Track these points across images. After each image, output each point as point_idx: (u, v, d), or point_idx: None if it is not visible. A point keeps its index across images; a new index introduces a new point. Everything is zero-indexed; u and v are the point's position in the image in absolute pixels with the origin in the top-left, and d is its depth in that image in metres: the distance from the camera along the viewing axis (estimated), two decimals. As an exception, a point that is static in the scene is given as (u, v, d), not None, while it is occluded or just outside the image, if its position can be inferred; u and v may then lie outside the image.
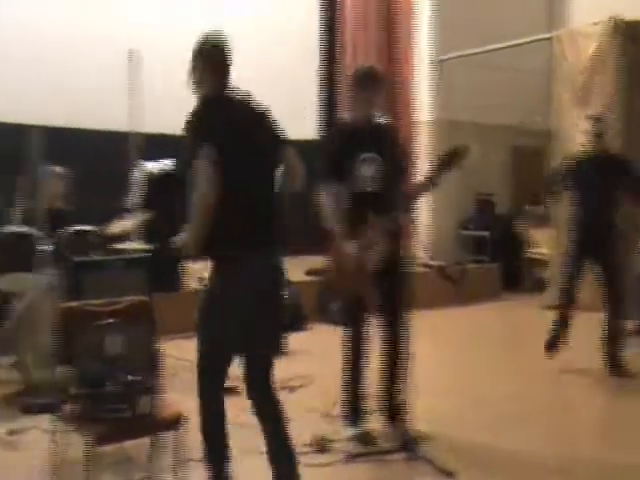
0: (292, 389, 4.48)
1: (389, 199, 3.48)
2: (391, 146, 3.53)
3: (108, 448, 2.96)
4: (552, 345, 5.13)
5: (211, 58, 2.80)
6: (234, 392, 4.32)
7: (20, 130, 4.86)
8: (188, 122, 2.69)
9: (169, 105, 7.12)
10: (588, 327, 5.08)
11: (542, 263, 8.01)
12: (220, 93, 2.75)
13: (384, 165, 3.53)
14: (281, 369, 4.79)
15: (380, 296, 3.57)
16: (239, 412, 3.93)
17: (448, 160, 3.32)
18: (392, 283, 3.58)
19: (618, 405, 4.49)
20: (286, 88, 8.37)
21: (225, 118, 2.68)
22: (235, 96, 2.79)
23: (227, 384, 2.99)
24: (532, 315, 7.15)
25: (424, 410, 3.84)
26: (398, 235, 3.54)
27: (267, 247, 2.73)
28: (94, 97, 6.96)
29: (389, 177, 3.53)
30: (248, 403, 2.91)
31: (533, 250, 8.39)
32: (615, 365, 4.93)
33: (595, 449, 3.63)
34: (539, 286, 7.91)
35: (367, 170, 3.52)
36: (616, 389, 4.77)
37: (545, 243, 7.96)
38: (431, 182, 3.35)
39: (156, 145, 6.52)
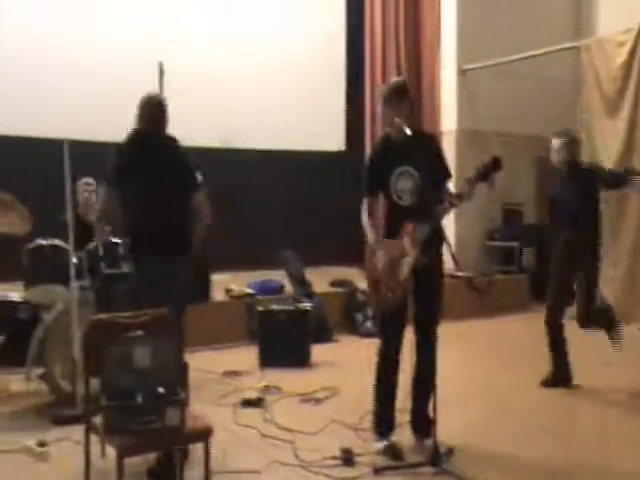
0: (318, 401, 4.50)
1: (426, 211, 3.50)
2: (429, 159, 3.55)
3: (137, 459, 3.00)
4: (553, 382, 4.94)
5: (147, 109, 3.67)
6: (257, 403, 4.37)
7: (51, 144, 4.96)
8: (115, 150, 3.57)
9: (191, 118, 7.29)
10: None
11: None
12: (143, 136, 3.63)
13: (420, 178, 3.56)
14: (307, 381, 4.89)
15: (414, 307, 3.59)
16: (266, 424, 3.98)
17: (486, 171, 3.35)
18: (427, 293, 3.59)
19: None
20: (313, 100, 8.45)
21: (135, 157, 3.59)
22: (158, 141, 3.66)
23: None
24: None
25: (452, 422, 3.82)
26: (433, 245, 3.53)
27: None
28: (121, 110, 7.09)
29: (426, 189, 3.55)
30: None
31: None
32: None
33: (624, 461, 3.58)
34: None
35: (403, 184, 3.57)
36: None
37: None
38: (467, 193, 3.41)
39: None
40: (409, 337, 3.63)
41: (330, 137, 8.73)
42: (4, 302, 4.38)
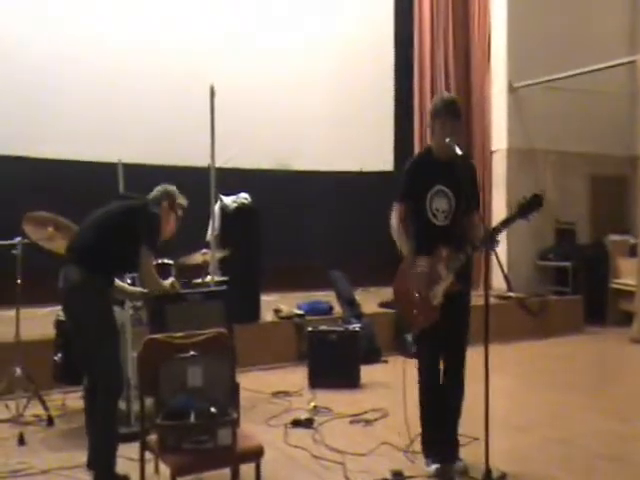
0: (368, 422, 4.49)
1: (459, 234, 3.52)
2: (465, 181, 3.53)
3: (190, 478, 3.05)
4: None
5: None
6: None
7: (105, 167, 5.13)
8: None
9: (242, 140, 7.43)
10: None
11: (629, 294, 7.72)
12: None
13: (456, 200, 3.55)
14: (356, 402, 4.89)
15: (444, 329, 3.55)
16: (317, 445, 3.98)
17: (525, 208, 3.33)
18: (456, 319, 3.58)
19: None
20: (362, 120, 8.50)
21: None
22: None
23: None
24: (618, 349, 6.91)
25: (504, 449, 3.77)
26: (466, 272, 3.55)
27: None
28: (173, 133, 7.29)
29: (460, 212, 3.56)
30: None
31: (619, 280, 8.10)
32: None
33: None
34: (625, 318, 7.63)
35: (439, 203, 3.55)
36: None
37: (632, 273, 7.68)
38: (504, 227, 3.40)
39: (231, 179, 6.76)
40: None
41: (378, 157, 8.75)
42: (62, 321, 4.51)
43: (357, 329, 5.68)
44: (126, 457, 3.53)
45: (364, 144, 8.51)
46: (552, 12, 8.47)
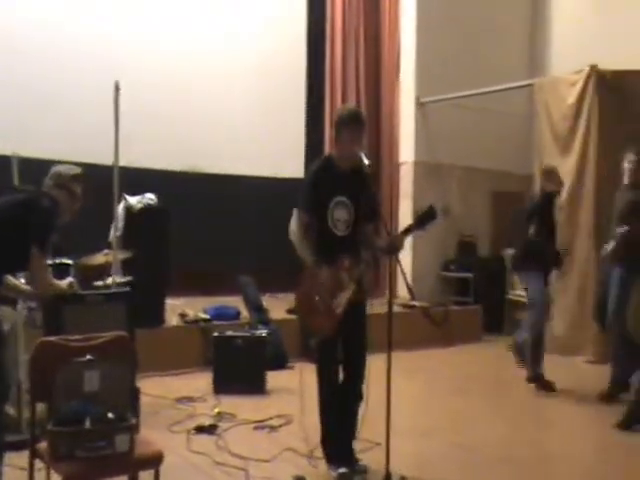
0: (272, 428, 4.44)
1: (360, 243, 3.58)
2: (364, 192, 3.57)
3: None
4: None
5: None
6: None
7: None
8: None
9: (149, 139, 7.23)
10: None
11: (523, 305, 8.04)
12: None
13: (355, 209, 3.60)
14: (261, 408, 4.82)
15: (344, 336, 3.58)
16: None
17: (421, 219, 3.48)
18: (357, 326, 3.62)
19: (610, 446, 4.48)
20: (273, 126, 8.47)
21: None
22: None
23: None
24: (512, 357, 7.16)
25: (406, 453, 3.81)
26: (363, 280, 3.60)
27: None
28: (78, 129, 7.00)
29: (360, 221, 3.61)
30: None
31: (515, 292, 8.44)
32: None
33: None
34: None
35: (339, 213, 3.58)
36: (604, 431, 4.76)
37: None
38: (403, 237, 3.55)
39: (137, 179, 6.55)
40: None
41: (291, 164, 8.74)
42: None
43: (264, 335, 5.63)
44: (16, 466, 3.31)
45: (277, 150, 8.48)
46: (458, 32, 8.77)
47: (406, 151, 8.89)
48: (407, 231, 3.56)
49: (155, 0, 8.03)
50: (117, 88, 4.61)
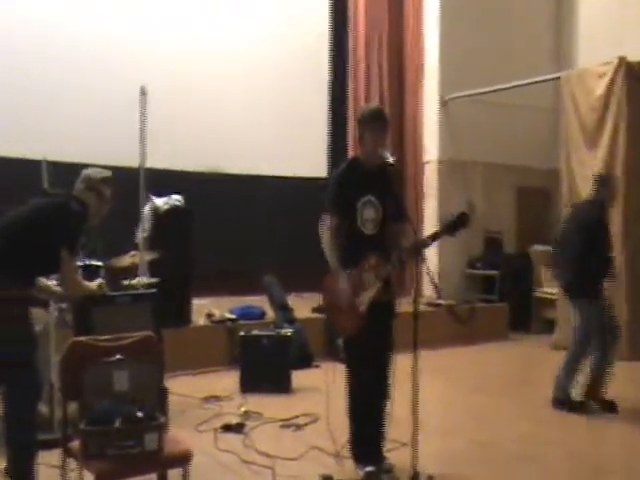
0: (298, 427, 4.47)
1: (387, 243, 3.58)
2: (391, 191, 3.59)
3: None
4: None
5: None
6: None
7: (28, 165, 4.96)
8: None
9: (173, 140, 7.30)
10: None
11: (550, 302, 7.98)
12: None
13: (383, 208, 3.61)
14: (287, 407, 4.85)
15: (370, 335, 3.57)
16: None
17: (452, 226, 3.45)
18: (383, 326, 3.63)
19: (630, 445, 4.44)
20: (296, 126, 8.50)
21: None
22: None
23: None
24: (540, 355, 7.13)
25: (432, 451, 3.81)
26: (391, 280, 3.61)
27: None
28: (104, 133, 7.10)
29: (388, 220, 3.62)
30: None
31: (542, 289, 8.37)
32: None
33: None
34: (548, 326, 7.88)
35: (368, 213, 3.60)
36: (629, 430, 4.71)
37: (554, 282, 7.94)
38: (431, 241, 3.52)
39: (163, 181, 6.62)
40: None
41: (313, 163, 8.76)
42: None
43: (289, 334, 5.66)
44: (48, 464, 3.38)
45: (299, 150, 8.51)
46: (482, 27, 8.70)
47: (430, 149, 8.86)
48: (435, 236, 3.52)
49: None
50: (144, 92, 4.66)
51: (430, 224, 7.91)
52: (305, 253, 8.27)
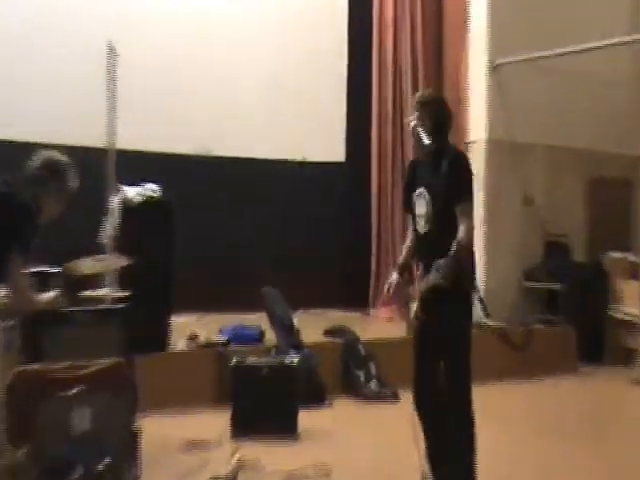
0: (306, 481, 4.46)
1: (442, 244, 3.59)
2: (441, 180, 3.63)
3: None
4: None
5: None
6: None
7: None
8: None
9: (151, 116, 7.34)
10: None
11: (632, 325, 7.94)
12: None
13: (433, 201, 3.70)
14: (293, 455, 4.85)
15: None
16: None
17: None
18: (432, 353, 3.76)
19: None
20: (312, 108, 8.55)
21: None
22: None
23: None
24: (618, 393, 7.10)
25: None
26: (438, 303, 3.62)
27: None
28: (64, 105, 7.15)
29: (441, 216, 3.67)
30: None
31: (620, 308, 8.33)
32: None
33: None
34: (627, 356, 7.84)
35: (419, 208, 3.78)
36: None
37: (636, 299, 7.90)
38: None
39: (136, 165, 6.64)
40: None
41: (326, 147, 8.80)
42: None
43: (295, 363, 5.66)
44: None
45: (308, 131, 8.55)
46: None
47: (477, 127, 8.83)
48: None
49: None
50: (112, 50, 4.66)
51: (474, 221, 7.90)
52: (316, 259, 8.36)
